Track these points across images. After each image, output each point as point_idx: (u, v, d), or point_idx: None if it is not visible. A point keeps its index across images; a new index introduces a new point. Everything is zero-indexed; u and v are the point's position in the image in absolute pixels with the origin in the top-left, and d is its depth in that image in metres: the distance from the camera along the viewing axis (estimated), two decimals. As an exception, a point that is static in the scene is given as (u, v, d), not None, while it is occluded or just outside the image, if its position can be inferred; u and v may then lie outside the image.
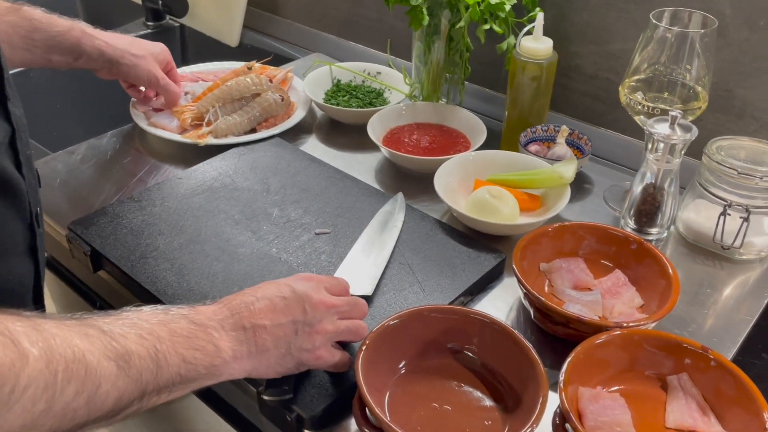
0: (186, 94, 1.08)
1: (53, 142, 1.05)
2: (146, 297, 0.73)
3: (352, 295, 0.65)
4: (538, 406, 0.57)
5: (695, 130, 0.76)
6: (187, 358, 0.50)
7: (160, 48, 1.02)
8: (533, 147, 0.95)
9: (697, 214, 0.83)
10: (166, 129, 1.01)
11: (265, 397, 0.60)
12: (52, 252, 0.92)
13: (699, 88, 0.80)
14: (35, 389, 0.41)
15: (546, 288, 0.75)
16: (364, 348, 0.61)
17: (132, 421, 1.02)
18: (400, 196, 0.87)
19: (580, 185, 0.95)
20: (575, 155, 0.93)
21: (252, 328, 0.55)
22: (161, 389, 0.49)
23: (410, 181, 0.95)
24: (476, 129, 1.00)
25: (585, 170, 0.98)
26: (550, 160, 0.90)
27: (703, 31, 0.77)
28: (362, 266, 0.75)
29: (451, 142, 1.00)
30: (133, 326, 0.48)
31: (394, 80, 1.12)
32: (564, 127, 0.94)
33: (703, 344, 0.62)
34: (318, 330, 0.59)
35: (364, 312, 0.64)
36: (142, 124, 1.02)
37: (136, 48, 0.97)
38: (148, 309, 0.51)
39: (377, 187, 0.93)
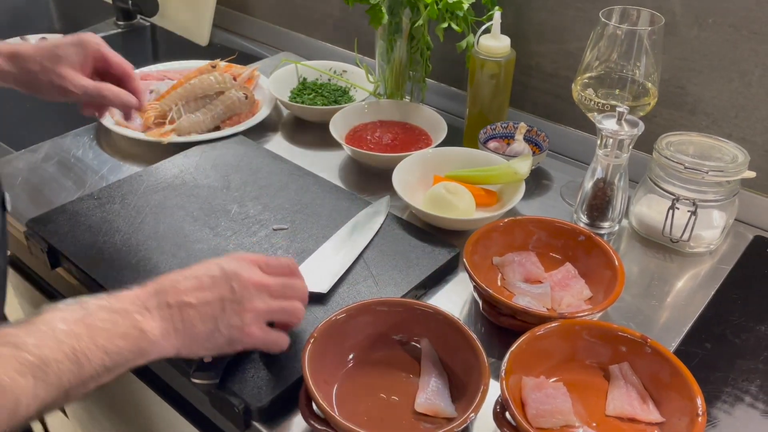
0: (151, 92, 1.09)
1: (18, 142, 1.05)
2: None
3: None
4: (479, 394, 0.58)
5: (642, 126, 0.77)
6: (110, 349, 0.51)
7: (74, 48, 0.79)
8: (492, 144, 0.96)
9: (649, 209, 0.84)
10: (129, 127, 1.01)
11: (194, 380, 0.61)
12: (13, 249, 0.92)
13: (649, 85, 0.82)
14: None
15: (498, 281, 0.76)
16: (311, 341, 0.62)
17: (101, 422, 1.03)
18: (386, 199, 0.87)
19: (538, 181, 0.97)
20: (533, 151, 0.94)
21: (177, 306, 0.56)
22: (87, 382, 0.50)
23: (372, 178, 0.96)
24: (438, 126, 1.01)
25: (544, 166, 0.99)
26: (507, 157, 0.91)
27: (650, 28, 0.79)
28: (326, 264, 0.76)
29: (413, 139, 1.01)
30: (49, 332, 0.49)
31: (360, 78, 1.13)
32: (522, 124, 0.96)
33: (646, 334, 0.63)
34: (247, 308, 0.59)
35: (300, 294, 0.64)
36: (106, 122, 1.02)
37: (36, 60, 0.78)
38: (64, 306, 0.51)
39: (339, 184, 0.94)
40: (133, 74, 0.84)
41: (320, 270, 0.75)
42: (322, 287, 0.72)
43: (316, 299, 0.71)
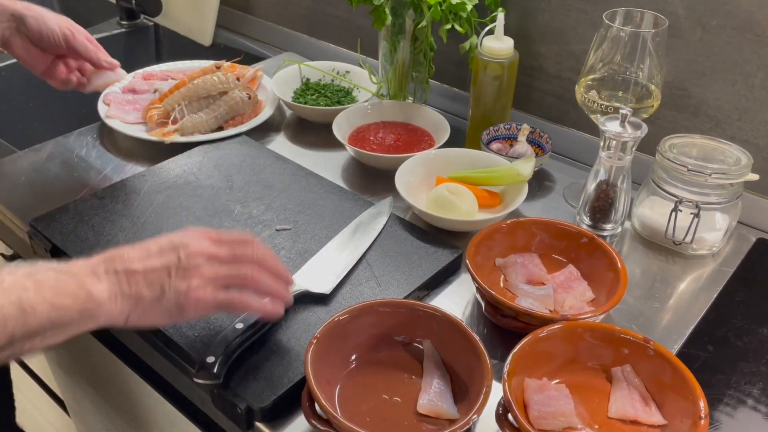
0: (154, 91, 1.09)
1: (21, 141, 1.06)
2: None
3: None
4: (482, 396, 0.58)
5: (645, 128, 0.77)
6: (57, 304, 0.52)
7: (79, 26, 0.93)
8: (495, 145, 0.97)
9: (651, 211, 0.84)
10: (133, 127, 1.02)
11: (196, 380, 0.61)
12: (16, 248, 0.93)
13: (652, 87, 0.82)
14: None
15: (501, 283, 0.76)
16: (314, 341, 0.62)
17: (102, 422, 1.03)
18: (388, 200, 0.87)
19: (541, 182, 0.97)
20: (536, 153, 0.95)
21: (123, 272, 0.57)
22: (32, 335, 0.51)
23: (375, 178, 0.96)
24: (440, 127, 1.01)
25: (547, 168, 1.00)
26: (510, 158, 0.92)
27: (654, 30, 0.79)
28: (329, 264, 0.76)
29: (415, 140, 1.01)
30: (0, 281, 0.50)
31: (363, 79, 1.14)
32: (525, 125, 0.96)
33: (648, 336, 0.63)
34: (193, 273, 0.59)
35: (253, 256, 0.62)
36: (109, 121, 1.02)
37: (46, 9, 0.89)
38: (13, 265, 0.53)
39: (342, 184, 0.94)
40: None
41: (323, 271, 0.75)
42: (326, 288, 0.73)
43: (320, 299, 0.72)
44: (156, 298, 0.58)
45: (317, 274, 0.74)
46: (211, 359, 0.62)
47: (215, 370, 0.61)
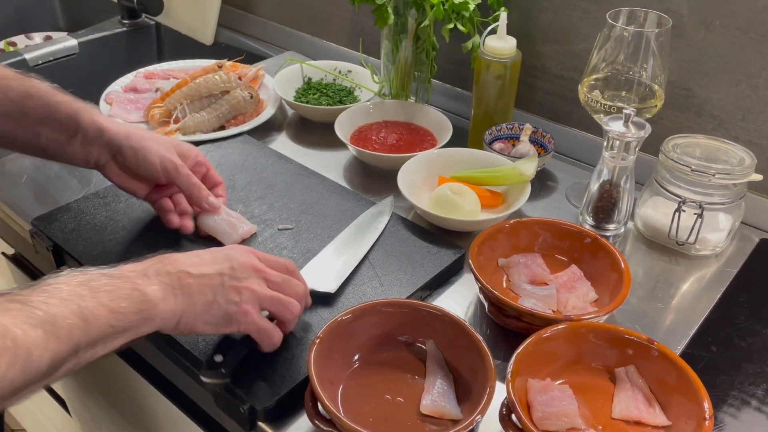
0: (156, 90, 1.09)
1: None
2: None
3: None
4: (485, 396, 0.58)
5: (648, 128, 0.77)
6: (115, 308, 0.52)
7: (188, 146, 0.80)
8: (498, 145, 0.96)
9: (655, 211, 0.84)
10: (134, 125, 1.01)
11: (204, 379, 0.61)
12: (18, 247, 0.92)
13: (655, 87, 0.81)
14: None
15: (504, 283, 0.76)
16: (317, 341, 0.62)
17: (103, 421, 1.03)
18: (389, 200, 0.87)
19: (543, 182, 0.97)
20: (538, 153, 0.94)
21: (176, 273, 0.57)
22: (95, 342, 0.51)
23: (377, 178, 0.96)
24: (443, 127, 1.01)
25: (549, 168, 0.99)
26: (513, 158, 0.91)
27: (657, 30, 0.79)
28: (332, 264, 0.76)
29: (418, 139, 1.01)
30: (53, 292, 0.50)
31: (365, 79, 1.13)
32: (527, 125, 0.96)
33: (652, 337, 0.63)
34: (245, 285, 0.60)
35: (297, 292, 0.64)
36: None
37: (149, 134, 0.78)
38: (65, 274, 0.53)
39: (344, 184, 0.94)
40: (223, 185, 0.84)
41: (326, 270, 0.75)
42: (330, 287, 0.72)
43: (323, 299, 0.71)
44: (207, 304, 0.58)
45: (320, 273, 0.74)
46: (219, 358, 0.61)
47: (224, 370, 0.61)
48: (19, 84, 0.72)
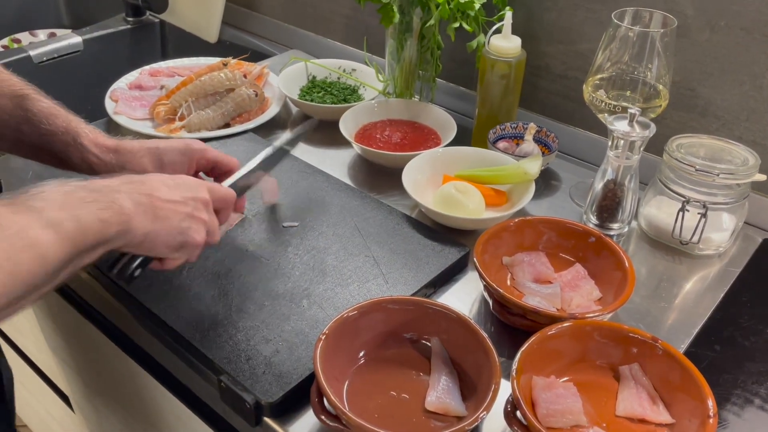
0: (161, 88, 1.09)
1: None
2: (114, 289, 0.74)
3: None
4: (490, 393, 0.58)
5: (653, 127, 0.78)
6: (102, 218, 0.55)
7: (175, 153, 0.76)
8: (502, 144, 0.97)
9: (658, 210, 0.84)
10: (140, 123, 1.02)
11: (111, 273, 0.65)
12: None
13: (660, 87, 0.82)
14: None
15: (508, 281, 0.76)
16: (323, 338, 0.62)
17: (107, 417, 1.03)
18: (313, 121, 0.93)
19: (547, 182, 0.97)
20: (542, 152, 0.95)
21: (147, 195, 0.60)
22: (87, 250, 0.54)
23: (381, 176, 0.97)
24: (447, 126, 1.01)
25: (553, 167, 1.00)
26: (517, 157, 0.92)
27: (663, 30, 0.79)
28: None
29: (422, 138, 1.02)
30: (48, 200, 0.53)
31: (369, 77, 1.14)
32: (532, 124, 0.96)
33: (656, 335, 0.63)
34: (202, 218, 0.64)
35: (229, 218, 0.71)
36: (117, 117, 1.02)
37: (138, 161, 0.75)
38: (48, 185, 0.55)
39: (348, 182, 0.94)
40: (237, 169, 0.82)
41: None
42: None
43: (326, 297, 0.72)
44: (172, 228, 0.61)
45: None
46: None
47: (130, 266, 0.64)
48: (16, 107, 0.73)
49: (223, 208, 0.69)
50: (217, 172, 0.80)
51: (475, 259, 0.72)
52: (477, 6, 0.95)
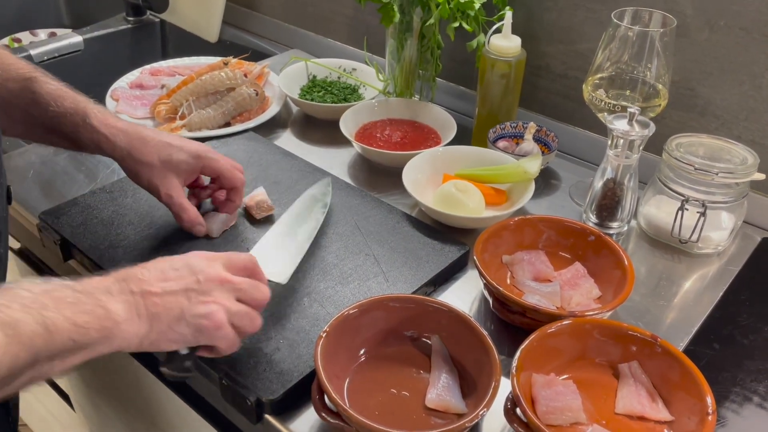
0: (162, 87, 1.09)
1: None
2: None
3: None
4: (490, 390, 0.58)
5: (653, 127, 0.78)
6: (78, 322, 0.49)
7: (186, 154, 0.76)
8: (502, 143, 0.97)
9: (658, 209, 0.85)
10: (141, 122, 1.02)
11: (163, 370, 0.57)
12: (23, 241, 0.93)
13: (659, 86, 0.82)
14: None
15: (508, 279, 0.77)
16: (324, 336, 0.62)
17: (108, 415, 1.03)
18: (327, 180, 0.86)
19: (547, 181, 0.97)
20: (542, 151, 0.95)
21: (140, 293, 0.54)
22: (54, 356, 0.49)
23: (382, 175, 0.97)
24: (447, 125, 1.02)
25: (553, 166, 1.00)
26: (517, 156, 0.92)
27: (662, 30, 0.79)
28: (281, 252, 0.73)
29: (422, 137, 1.02)
30: (15, 297, 0.48)
31: (370, 77, 1.14)
32: (532, 123, 0.96)
33: (655, 333, 0.64)
34: (213, 300, 0.57)
35: (264, 296, 0.61)
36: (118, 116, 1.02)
37: (148, 150, 0.75)
38: (26, 281, 0.51)
39: (349, 181, 0.95)
40: (240, 189, 0.81)
41: (275, 259, 0.72)
42: (281, 278, 0.70)
43: (325, 295, 0.72)
44: (175, 322, 0.55)
45: (270, 261, 0.71)
46: (184, 350, 0.58)
47: (189, 362, 0.58)
48: (23, 89, 0.72)
49: (249, 275, 0.62)
50: (219, 184, 0.81)
51: (475, 257, 0.72)
52: (477, 6, 0.95)
